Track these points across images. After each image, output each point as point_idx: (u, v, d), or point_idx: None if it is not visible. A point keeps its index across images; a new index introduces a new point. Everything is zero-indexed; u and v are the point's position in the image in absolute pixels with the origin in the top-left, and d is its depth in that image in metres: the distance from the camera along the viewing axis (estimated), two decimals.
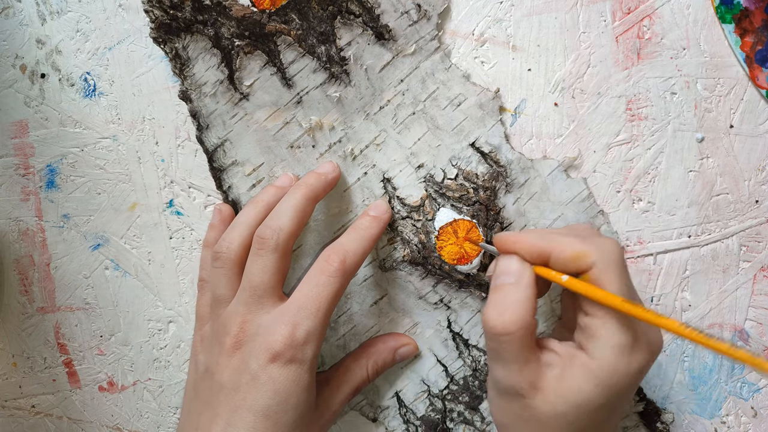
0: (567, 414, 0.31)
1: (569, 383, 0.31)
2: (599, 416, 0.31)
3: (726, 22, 0.39)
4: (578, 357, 0.31)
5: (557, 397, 0.31)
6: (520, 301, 0.32)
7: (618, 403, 0.32)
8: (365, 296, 0.42)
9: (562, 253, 0.32)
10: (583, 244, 0.32)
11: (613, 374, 0.30)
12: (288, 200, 0.37)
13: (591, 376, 0.30)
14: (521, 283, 0.32)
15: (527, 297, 0.32)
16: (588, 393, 0.30)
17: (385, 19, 0.39)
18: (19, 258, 0.43)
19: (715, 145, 0.40)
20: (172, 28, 0.40)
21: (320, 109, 0.40)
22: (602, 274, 0.31)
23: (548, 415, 0.31)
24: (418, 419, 0.42)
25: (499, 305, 0.32)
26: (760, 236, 0.40)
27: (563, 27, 0.40)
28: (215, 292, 0.38)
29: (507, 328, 0.31)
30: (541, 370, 0.32)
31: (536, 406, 0.31)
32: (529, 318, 0.32)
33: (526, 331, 0.31)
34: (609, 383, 0.30)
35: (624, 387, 0.31)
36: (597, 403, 0.31)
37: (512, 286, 0.32)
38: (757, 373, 0.27)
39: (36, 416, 0.44)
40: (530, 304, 0.32)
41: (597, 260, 0.31)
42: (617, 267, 0.31)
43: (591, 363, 0.31)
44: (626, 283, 0.31)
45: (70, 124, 0.42)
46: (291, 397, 0.34)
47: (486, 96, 0.40)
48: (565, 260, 0.32)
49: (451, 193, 0.40)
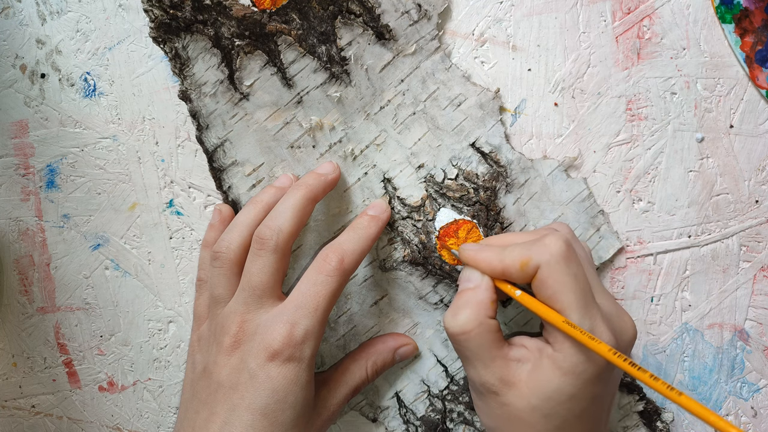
0: (541, 407, 0.32)
1: (540, 376, 0.32)
2: (576, 407, 0.32)
3: (726, 22, 0.39)
4: (545, 350, 0.33)
5: (530, 391, 0.32)
6: (475, 303, 0.33)
7: (593, 393, 0.32)
8: (365, 296, 0.42)
9: (512, 266, 0.33)
10: (527, 250, 0.33)
11: (576, 363, 0.31)
12: (287, 200, 0.37)
13: (557, 366, 0.32)
14: (480, 287, 0.34)
15: (484, 299, 0.34)
16: (556, 383, 0.32)
17: (386, 19, 0.39)
18: (19, 258, 0.43)
19: (715, 145, 0.40)
20: (172, 28, 0.40)
21: (320, 109, 0.40)
22: (547, 273, 0.32)
23: (525, 410, 0.32)
24: (418, 419, 0.42)
25: (455, 307, 0.34)
26: (760, 236, 0.40)
27: (563, 27, 0.40)
28: (214, 292, 0.38)
29: (462, 327, 0.33)
30: (511, 366, 0.33)
31: (511, 402, 0.33)
32: (485, 318, 0.33)
33: (482, 329, 0.33)
34: (574, 372, 0.31)
35: (591, 375, 0.31)
36: (567, 393, 0.32)
37: (470, 291, 0.34)
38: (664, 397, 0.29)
39: (36, 416, 0.44)
40: (487, 305, 0.34)
41: (540, 261, 0.32)
42: (560, 262, 0.32)
43: (556, 355, 0.32)
44: (572, 276, 0.32)
45: (70, 124, 0.42)
46: (289, 395, 0.34)
47: (486, 96, 0.40)
48: (516, 272, 0.33)
49: (451, 193, 0.40)
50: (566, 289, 0.32)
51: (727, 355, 0.41)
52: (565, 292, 0.32)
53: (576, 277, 0.32)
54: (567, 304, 0.32)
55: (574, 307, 0.31)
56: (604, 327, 0.32)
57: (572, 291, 0.32)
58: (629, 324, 0.34)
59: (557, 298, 0.32)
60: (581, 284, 0.32)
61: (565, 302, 0.32)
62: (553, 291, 0.32)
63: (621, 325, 0.34)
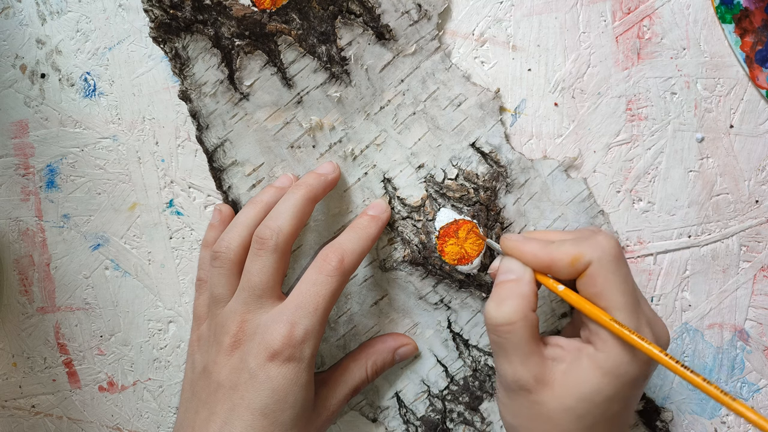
0: (576, 408, 0.31)
1: (576, 376, 0.31)
2: (610, 409, 0.31)
3: (726, 22, 0.39)
4: (585, 350, 0.32)
5: (565, 391, 0.32)
6: (520, 295, 0.33)
7: (628, 396, 0.32)
8: (365, 296, 0.42)
9: (561, 261, 0.32)
10: (578, 246, 0.32)
11: (620, 364, 0.31)
12: (287, 200, 0.37)
13: (597, 366, 0.31)
14: (523, 279, 0.33)
15: (528, 292, 0.33)
16: (596, 384, 0.31)
17: (386, 19, 0.39)
18: (19, 258, 0.43)
19: (715, 145, 0.40)
20: (172, 28, 0.40)
21: (321, 109, 0.40)
22: (597, 271, 0.31)
23: (557, 410, 0.32)
24: (418, 419, 0.42)
25: (499, 299, 0.33)
26: (760, 236, 0.40)
27: (563, 27, 0.40)
28: (213, 292, 0.38)
29: (507, 318, 0.32)
30: (547, 365, 0.32)
31: (544, 402, 0.32)
32: (529, 311, 0.33)
33: (526, 322, 0.32)
34: (616, 373, 0.31)
35: (632, 377, 0.31)
36: (605, 395, 0.31)
37: (513, 282, 0.33)
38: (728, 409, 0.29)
39: (36, 416, 0.44)
40: (531, 298, 0.33)
41: (592, 258, 0.32)
42: (612, 262, 0.32)
43: (597, 354, 0.31)
44: (623, 276, 0.32)
45: (70, 124, 0.42)
46: (289, 395, 0.34)
47: (486, 96, 0.40)
48: (564, 266, 0.32)
49: (451, 193, 0.40)
50: (615, 289, 0.31)
51: (727, 355, 0.41)
52: (614, 292, 0.31)
53: (626, 278, 0.32)
54: (615, 303, 0.31)
55: (622, 307, 0.31)
56: (648, 330, 0.32)
57: (621, 292, 0.31)
58: (665, 331, 0.34)
59: (605, 296, 0.31)
60: (630, 286, 0.32)
61: (613, 301, 0.31)
62: (602, 289, 0.31)
63: (658, 330, 0.33)
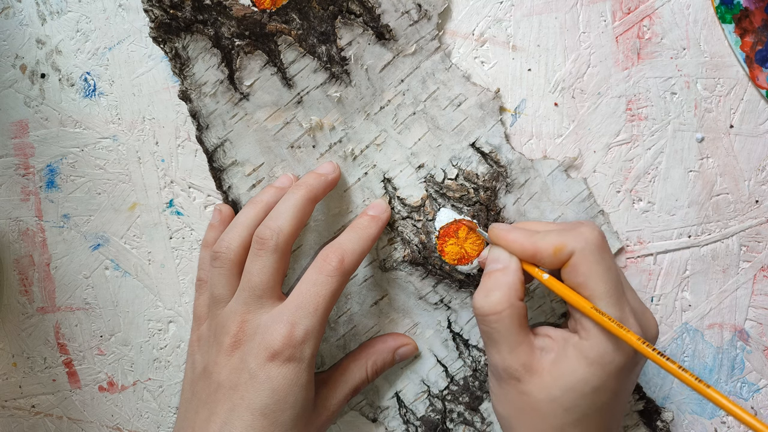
0: (562, 399, 0.32)
1: (563, 365, 0.32)
2: (598, 400, 0.32)
3: (726, 22, 0.39)
4: (571, 339, 0.33)
5: (552, 380, 0.32)
6: (506, 284, 0.33)
7: (615, 385, 0.32)
8: (365, 296, 0.42)
9: (545, 250, 0.33)
10: (562, 236, 0.33)
11: (604, 353, 0.31)
12: (287, 200, 0.37)
13: (583, 356, 0.32)
14: (509, 268, 0.34)
15: (514, 281, 0.34)
16: (581, 374, 0.31)
17: (386, 19, 0.39)
18: (19, 258, 0.43)
19: (715, 145, 0.40)
20: (172, 28, 0.40)
21: (321, 109, 0.40)
22: (580, 260, 0.32)
23: (544, 401, 0.32)
24: (418, 419, 0.42)
25: (486, 288, 0.34)
26: (760, 236, 0.40)
27: (563, 27, 0.40)
28: (214, 292, 0.38)
29: (494, 308, 0.33)
30: (536, 354, 0.33)
31: (532, 392, 0.32)
32: (516, 300, 0.33)
33: (513, 311, 0.33)
34: (601, 362, 0.31)
35: (617, 366, 0.31)
36: (592, 385, 0.31)
37: (500, 272, 0.34)
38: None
39: (36, 416, 0.44)
40: (517, 287, 0.34)
41: (575, 248, 0.32)
42: (595, 252, 0.32)
43: (582, 343, 0.32)
44: (606, 266, 0.32)
45: (70, 124, 0.42)
46: (289, 395, 0.34)
47: (486, 96, 0.40)
48: (548, 256, 0.33)
49: (451, 193, 0.40)
50: (598, 278, 0.32)
51: (727, 355, 0.41)
52: (596, 281, 0.32)
53: (609, 267, 0.32)
54: (597, 292, 0.32)
55: (604, 296, 0.31)
56: (633, 320, 0.32)
57: (604, 281, 0.32)
58: (653, 322, 0.34)
59: (588, 285, 0.32)
60: (613, 275, 0.32)
61: (596, 290, 0.32)
62: (585, 278, 0.32)
63: (645, 321, 0.34)
